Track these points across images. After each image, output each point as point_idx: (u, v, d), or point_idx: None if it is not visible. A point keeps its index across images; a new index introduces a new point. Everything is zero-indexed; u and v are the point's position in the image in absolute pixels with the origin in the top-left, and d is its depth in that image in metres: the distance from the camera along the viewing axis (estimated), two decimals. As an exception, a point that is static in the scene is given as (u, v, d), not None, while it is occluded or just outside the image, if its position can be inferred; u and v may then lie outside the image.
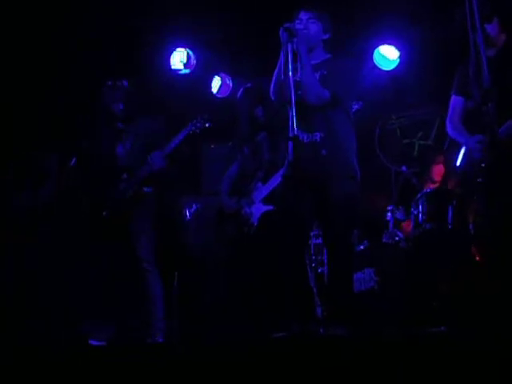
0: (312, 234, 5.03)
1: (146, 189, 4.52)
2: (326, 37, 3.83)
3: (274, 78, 3.74)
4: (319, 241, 5.05)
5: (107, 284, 4.63)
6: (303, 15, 3.78)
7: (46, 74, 5.63)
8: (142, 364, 2.94)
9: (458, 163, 3.84)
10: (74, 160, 4.40)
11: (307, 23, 3.76)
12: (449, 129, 3.98)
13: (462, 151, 3.83)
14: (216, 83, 6.27)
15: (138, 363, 2.95)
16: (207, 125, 4.60)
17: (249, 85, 4.89)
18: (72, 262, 5.00)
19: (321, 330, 3.69)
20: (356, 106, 4.50)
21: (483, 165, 3.62)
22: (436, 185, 5.28)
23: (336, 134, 3.70)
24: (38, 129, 5.50)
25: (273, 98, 3.78)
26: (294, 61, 3.60)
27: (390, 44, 5.85)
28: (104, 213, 4.52)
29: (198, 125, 4.58)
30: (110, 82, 4.51)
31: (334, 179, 3.66)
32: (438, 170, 5.43)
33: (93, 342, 4.33)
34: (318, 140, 3.69)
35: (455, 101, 3.94)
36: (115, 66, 5.47)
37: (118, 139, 4.62)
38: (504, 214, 3.56)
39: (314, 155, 3.67)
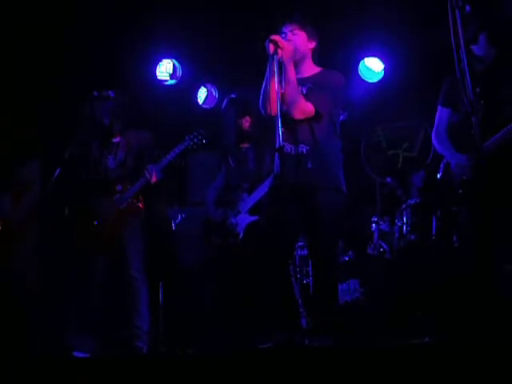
0: (297, 245, 5.04)
1: (139, 203, 4.54)
2: (312, 45, 3.85)
3: (261, 90, 3.76)
4: (304, 252, 5.07)
5: (92, 295, 4.59)
6: (286, 28, 3.81)
7: (31, 84, 5.60)
8: (126, 375, 2.93)
9: (439, 175, 3.87)
10: (57, 171, 4.37)
11: (291, 35, 3.79)
12: (434, 141, 4.01)
13: (444, 163, 3.86)
14: (202, 94, 6.29)
15: (122, 375, 2.94)
16: (204, 141, 4.62)
17: (233, 95, 4.90)
18: (56, 272, 4.96)
19: (306, 341, 3.69)
20: (342, 117, 4.52)
21: (464, 177, 3.66)
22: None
23: (322, 147, 3.71)
24: (21, 136, 5.46)
25: (262, 111, 3.79)
26: (280, 73, 3.62)
27: (374, 56, 5.90)
28: (96, 222, 4.50)
29: (196, 140, 4.60)
30: (96, 93, 4.50)
31: (320, 191, 3.67)
32: None
33: (77, 354, 4.30)
34: (305, 152, 3.71)
35: (442, 112, 3.97)
36: (101, 76, 5.46)
37: (108, 151, 4.62)
38: (485, 225, 3.59)
39: (300, 167, 3.68)
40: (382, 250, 5.17)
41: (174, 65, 6.14)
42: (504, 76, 3.66)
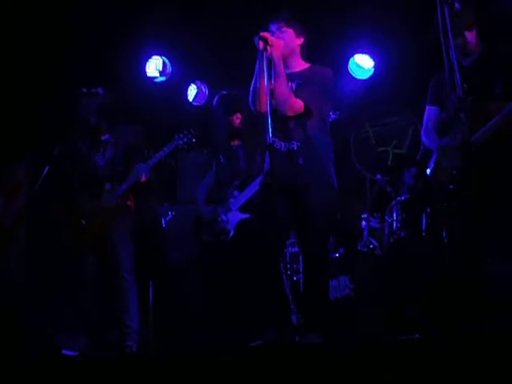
0: (288, 242, 5.04)
1: (128, 202, 4.53)
2: (300, 42, 3.86)
3: (251, 87, 3.76)
4: (295, 249, 5.06)
5: (82, 293, 4.58)
6: (273, 26, 3.82)
7: (18, 82, 5.57)
8: (116, 374, 2.92)
9: (429, 170, 3.88)
10: (46, 169, 4.35)
11: (279, 33, 3.79)
12: (423, 138, 4.02)
13: (434, 158, 3.87)
14: (192, 91, 6.27)
15: (112, 374, 2.93)
16: (194, 140, 4.62)
17: (225, 92, 4.89)
18: (45, 271, 4.94)
19: (296, 338, 3.70)
20: (333, 116, 4.52)
21: (454, 172, 3.66)
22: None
23: (313, 143, 3.72)
24: (8, 137, 5.44)
25: (252, 108, 3.79)
26: (270, 69, 3.62)
27: (364, 53, 5.90)
28: (83, 221, 4.48)
29: (185, 139, 4.60)
30: (84, 90, 4.48)
31: (311, 188, 3.68)
32: None
33: (66, 353, 4.29)
34: (295, 149, 3.71)
35: (430, 111, 3.99)
36: (90, 73, 5.43)
37: (96, 148, 4.60)
38: (476, 221, 3.60)
39: (291, 164, 3.69)
40: (372, 246, 5.18)
41: (163, 62, 6.13)
42: (491, 72, 3.67)
